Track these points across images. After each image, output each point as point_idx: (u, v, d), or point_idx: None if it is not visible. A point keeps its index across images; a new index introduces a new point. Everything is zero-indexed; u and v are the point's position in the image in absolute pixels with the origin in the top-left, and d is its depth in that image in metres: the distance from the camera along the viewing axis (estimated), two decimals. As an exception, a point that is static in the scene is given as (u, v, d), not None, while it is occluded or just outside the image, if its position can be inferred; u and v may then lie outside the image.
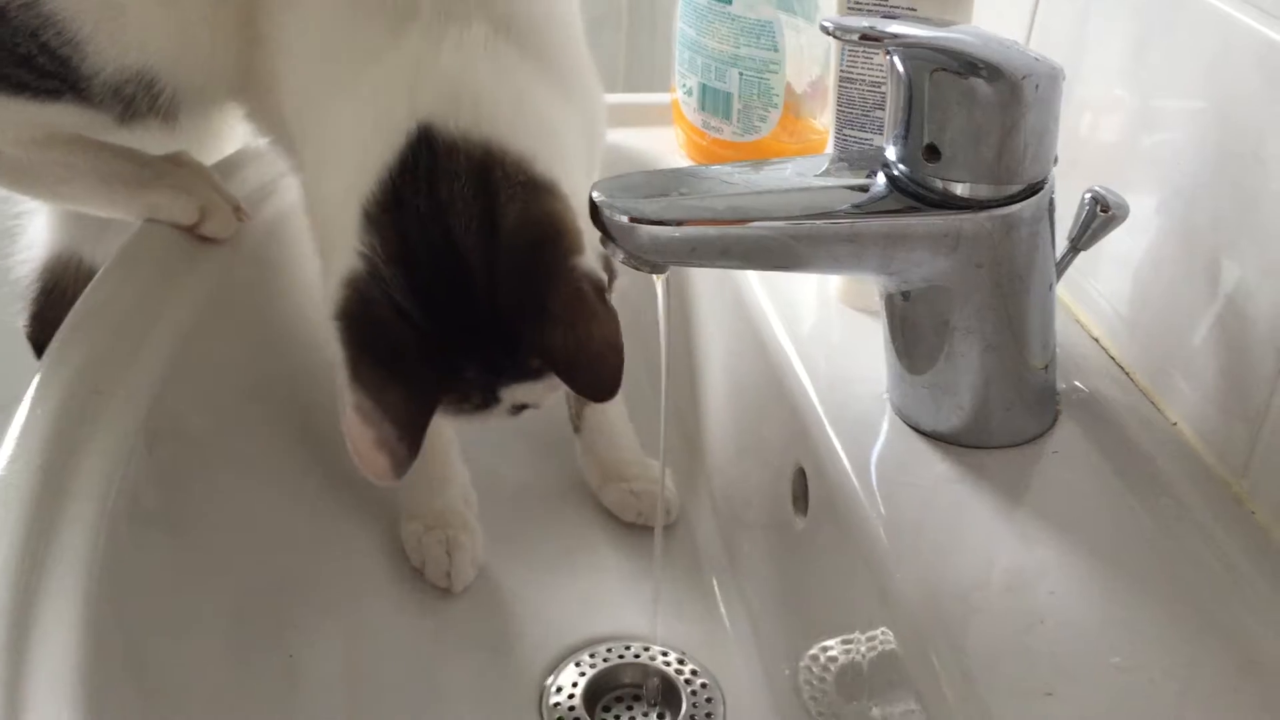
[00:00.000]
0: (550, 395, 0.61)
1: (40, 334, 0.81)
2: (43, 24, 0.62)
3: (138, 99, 0.65)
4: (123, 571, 0.54)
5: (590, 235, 0.56)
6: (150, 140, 0.70)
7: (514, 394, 0.59)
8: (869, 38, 0.49)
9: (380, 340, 0.56)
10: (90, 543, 0.53)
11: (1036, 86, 0.50)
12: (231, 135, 0.80)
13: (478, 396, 0.59)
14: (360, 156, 0.58)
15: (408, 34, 0.59)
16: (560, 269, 0.56)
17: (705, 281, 0.81)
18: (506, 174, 0.56)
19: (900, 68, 0.51)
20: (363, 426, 0.54)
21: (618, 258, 0.53)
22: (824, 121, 0.79)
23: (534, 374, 0.58)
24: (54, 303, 0.80)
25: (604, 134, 0.70)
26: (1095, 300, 0.65)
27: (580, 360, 0.56)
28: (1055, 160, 0.53)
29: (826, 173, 0.56)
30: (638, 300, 0.63)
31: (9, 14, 0.62)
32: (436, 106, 0.57)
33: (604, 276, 0.58)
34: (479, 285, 0.56)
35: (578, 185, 0.58)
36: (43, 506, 0.53)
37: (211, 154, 0.78)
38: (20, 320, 0.83)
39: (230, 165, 0.78)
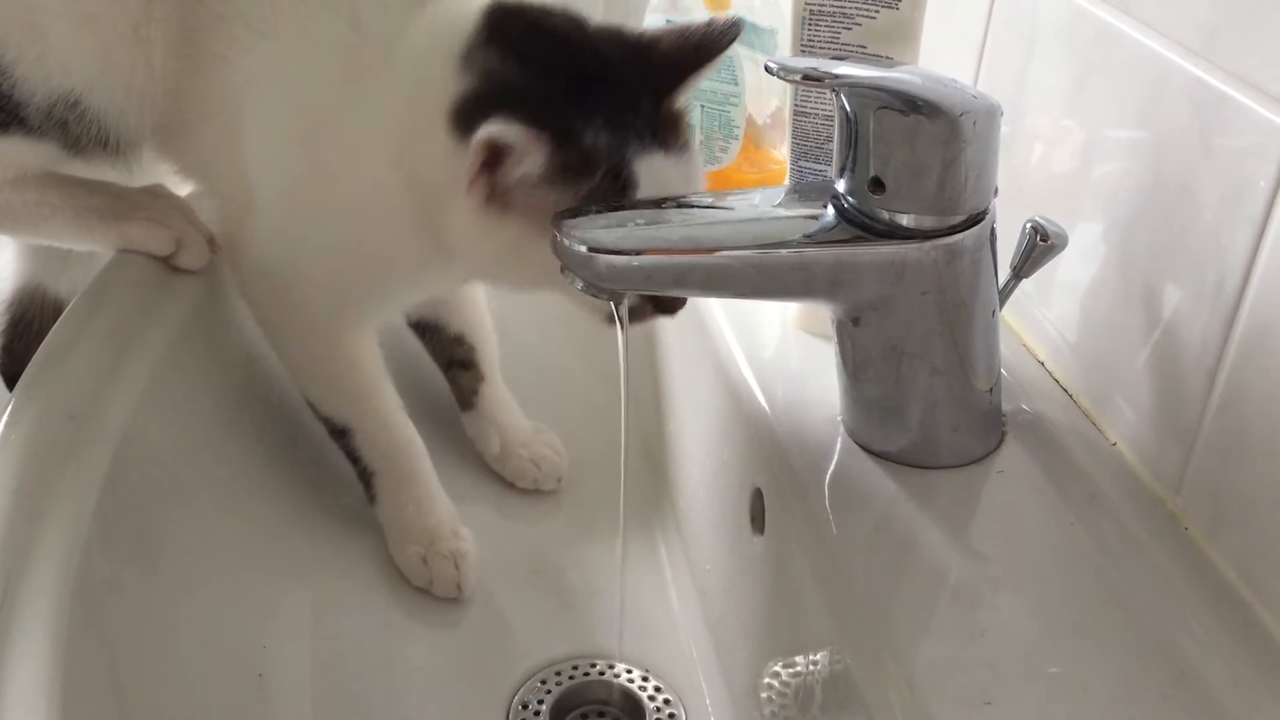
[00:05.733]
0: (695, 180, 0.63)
1: (10, 366, 0.81)
2: None
3: (71, 126, 0.66)
4: (96, 596, 0.55)
5: None
6: (123, 174, 0.71)
7: (650, 172, 0.60)
8: (811, 78, 0.51)
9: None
10: (63, 567, 0.53)
11: (974, 123, 0.52)
12: None
13: (607, 179, 0.60)
14: (426, 51, 0.63)
15: None
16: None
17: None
18: None
19: (846, 105, 0.53)
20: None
21: (576, 285, 0.55)
22: (784, 152, 0.81)
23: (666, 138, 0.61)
24: (22, 335, 0.80)
25: None
26: (1043, 326, 0.67)
27: None
28: (996, 191, 0.56)
29: (780, 204, 0.58)
30: (601, 325, 0.65)
31: None
32: None
33: None
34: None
35: None
36: (16, 531, 0.54)
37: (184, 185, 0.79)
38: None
39: (197, 196, 0.79)
